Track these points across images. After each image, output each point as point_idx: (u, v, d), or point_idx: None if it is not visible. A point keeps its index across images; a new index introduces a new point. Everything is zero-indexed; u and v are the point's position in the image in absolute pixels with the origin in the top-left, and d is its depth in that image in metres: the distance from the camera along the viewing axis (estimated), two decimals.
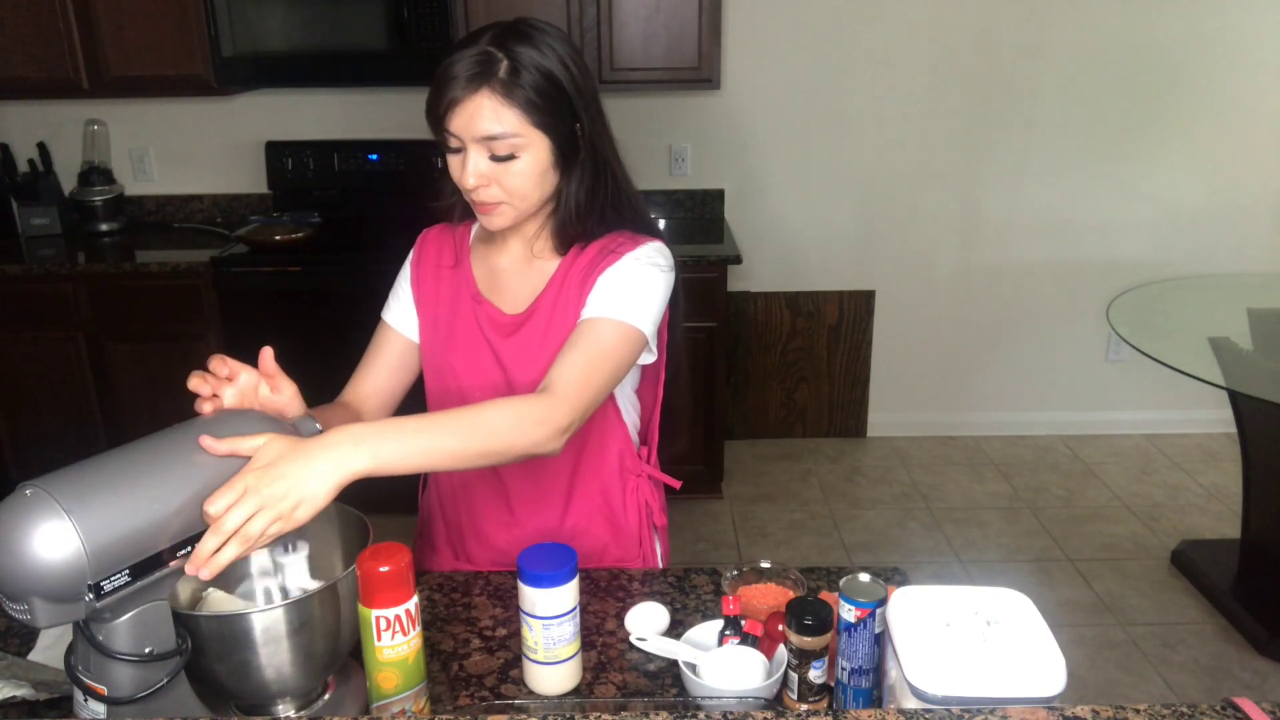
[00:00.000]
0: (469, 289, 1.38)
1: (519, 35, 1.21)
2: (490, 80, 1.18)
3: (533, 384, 1.28)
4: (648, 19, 3.05)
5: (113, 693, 0.92)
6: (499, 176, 1.23)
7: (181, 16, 3.01)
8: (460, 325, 1.37)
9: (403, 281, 1.45)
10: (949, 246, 3.66)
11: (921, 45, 3.41)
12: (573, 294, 1.31)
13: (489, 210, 1.26)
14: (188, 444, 0.97)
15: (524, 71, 1.19)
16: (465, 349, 1.37)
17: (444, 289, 1.40)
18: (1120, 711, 0.87)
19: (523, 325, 1.34)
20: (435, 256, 1.43)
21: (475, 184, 1.23)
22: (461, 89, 1.18)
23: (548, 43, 1.22)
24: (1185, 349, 2.60)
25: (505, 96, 1.18)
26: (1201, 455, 3.68)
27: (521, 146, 1.21)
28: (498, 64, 1.18)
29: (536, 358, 1.32)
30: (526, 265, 1.36)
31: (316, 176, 3.43)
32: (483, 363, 1.36)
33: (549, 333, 1.32)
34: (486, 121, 1.19)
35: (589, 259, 1.32)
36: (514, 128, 1.19)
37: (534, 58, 1.20)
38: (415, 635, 1.00)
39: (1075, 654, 2.57)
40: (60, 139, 3.43)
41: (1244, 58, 3.42)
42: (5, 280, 3.02)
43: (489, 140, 1.20)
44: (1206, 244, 3.63)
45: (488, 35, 1.21)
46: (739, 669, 1.09)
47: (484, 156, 1.21)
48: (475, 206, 1.28)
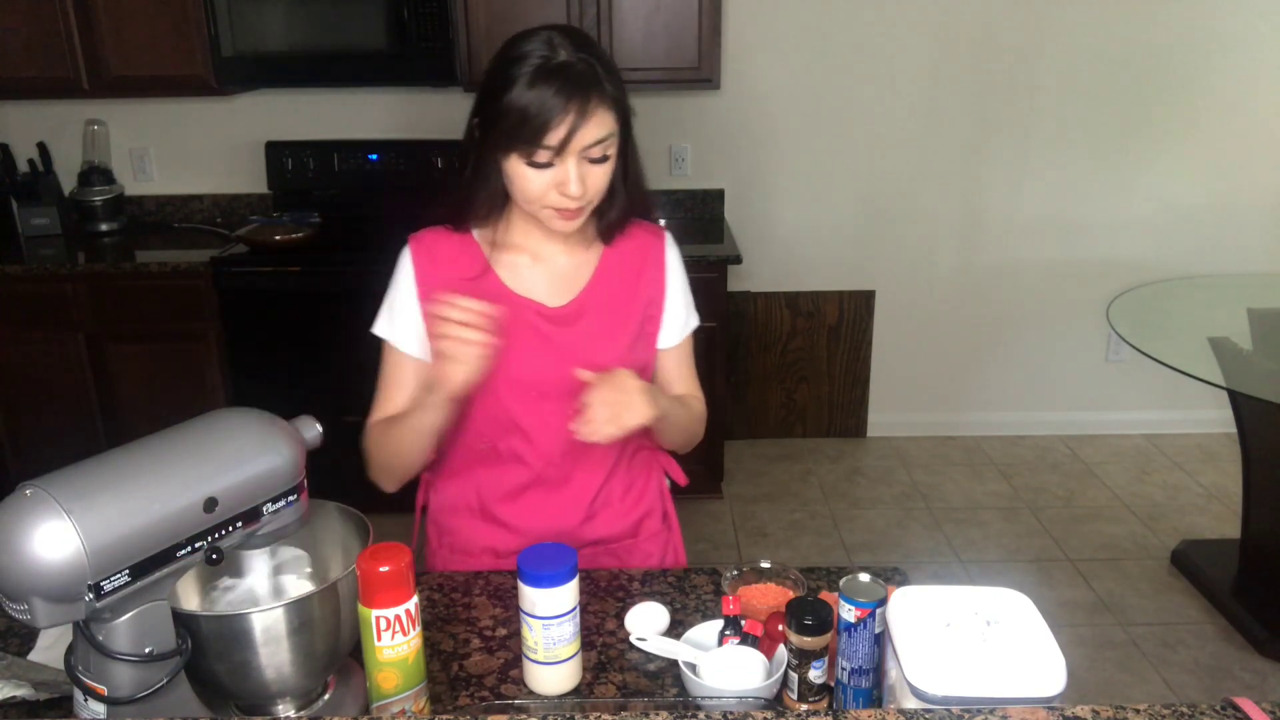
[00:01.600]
0: (500, 292, 1.36)
1: (583, 39, 1.24)
2: (599, 88, 1.20)
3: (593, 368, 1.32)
4: (648, 19, 3.05)
5: (113, 693, 0.92)
6: (587, 179, 1.24)
7: (181, 16, 3.01)
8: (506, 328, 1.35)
9: (406, 300, 1.38)
10: (949, 246, 3.66)
11: (922, 45, 3.41)
12: (628, 280, 1.39)
13: (575, 216, 1.28)
14: (188, 444, 0.97)
15: (612, 73, 1.23)
16: (518, 350, 1.34)
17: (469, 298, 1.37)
18: (1120, 711, 0.87)
19: (578, 316, 1.37)
20: (445, 268, 1.37)
21: (580, 193, 1.24)
22: (575, 104, 1.18)
23: (589, 37, 1.26)
24: (1185, 349, 2.59)
25: (608, 99, 1.22)
26: (1201, 455, 3.68)
27: (611, 144, 1.25)
28: (595, 71, 1.21)
29: (598, 343, 1.36)
30: (554, 260, 1.38)
31: (316, 176, 3.43)
32: (542, 357, 1.36)
33: (607, 319, 1.38)
34: (596, 130, 1.21)
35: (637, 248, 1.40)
36: (612, 127, 1.24)
37: (606, 58, 1.24)
38: (415, 635, 1.00)
39: (1075, 654, 2.57)
40: (60, 139, 3.43)
41: (1244, 58, 3.42)
42: (5, 280, 3.02)
43: (591, 147, 1.22)
44: (1206, 244, 3.63)
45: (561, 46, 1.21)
46: (739, 669, 1.09)
47: (584, 163, 1.23)
48: (557, 214, 1.27)
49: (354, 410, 3.44)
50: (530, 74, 1.20)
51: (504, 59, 1.24)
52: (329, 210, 3.39)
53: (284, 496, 1.01)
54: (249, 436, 1.00)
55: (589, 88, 1.19)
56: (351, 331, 3.06)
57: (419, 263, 1.38)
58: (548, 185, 1.23)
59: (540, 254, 1.38)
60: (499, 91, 1.22)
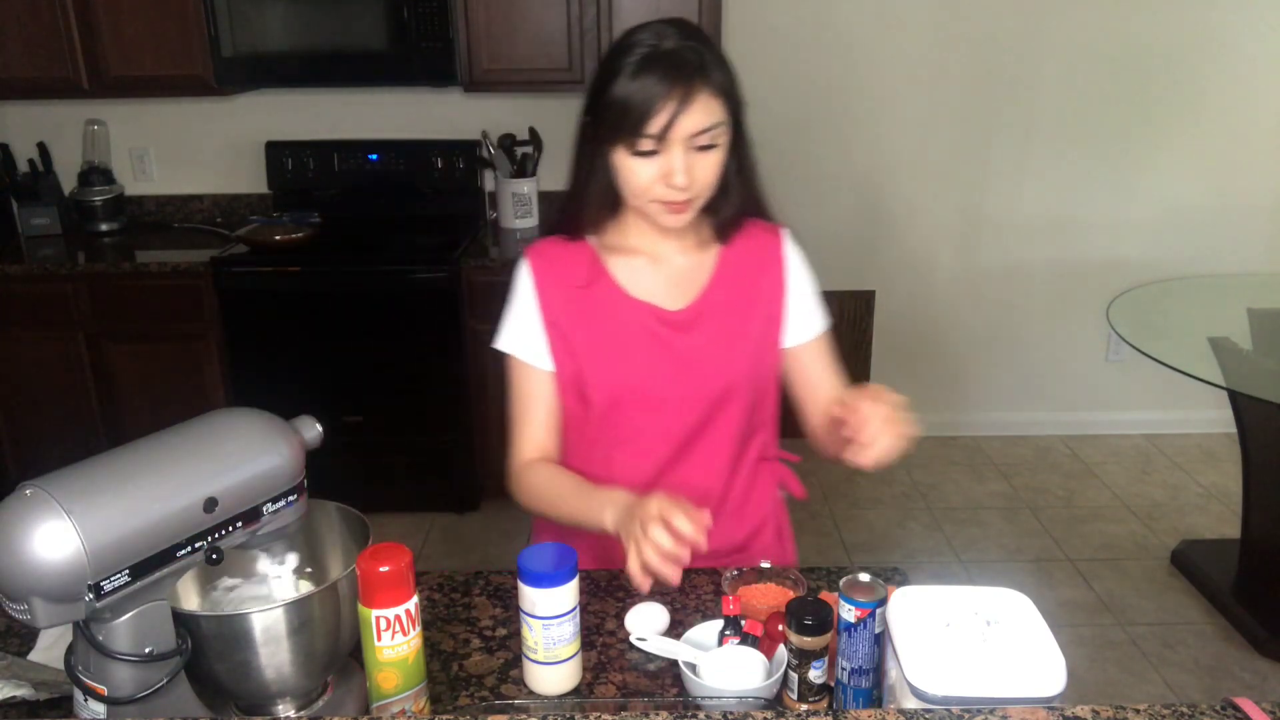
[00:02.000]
0: (618, 297, 1.34)
1: (689, 28, 1.23)
2: (704, 75, 1.19)
3: (717, 375, 1.33)
4: (647, 19, 3.04)
5: (113, 693, 0.92)
6: (694, 170, 1.22)
7: (181, 16, 3.01)
8: (625, 335, 1.34)
9: (527, 312, 1.36)
10: (949, 246, 3.66)
11: (922, 45, 3.41)
12: (748, 282, 1.36)
13: (683, 209, 1.25)
14: (188, 444, 0.97)
15: (721, 61, 1.22)
16: (637, 357, 1.33)
17: (588, 307, 1.34)
18: (1120, 711, 0.87)
19: (697, 320, 1.34)
20: (563, 276, 1.35)
21: (687, 182, 1.21)
22: (677, 91, 1.17)
23: (698, 29, 1.25)
24: (1185, 349, 2.59)
25: (715, 88, 1.20)
26: (1201, 455, 3.68)
27: (720, 134, 1.22)
28: (701, 58, 1.19)
29: (720, 348, 1.34)
30: (670, 262, 1.36)
31: (316, 176, 3.43)
32: (661, 364, 1.34)
33: (728, 322, 1.35)
34: (701, 117, 1.19)
35: (755, 247, 1.37)
36: (720, 116, 1.21)
37: (712, 44, 1.23)
38: (415, 635, 1.00)
39: (1075, 654, 2.57)
40: (60, 139, 3.43)
41: (1244, 58, 3.42)
42: (5, 280, 3.02)
43: (697, 135, 1.20)
44: (1206, 244, 3.63)
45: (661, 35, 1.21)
46: (739, 669, 1.09)
47: (689, 153, 1.21)
48: (665, 208, 1.25)
49: (354, 410, 3.47)
50: (634, 63, 1.19)
51: (612, 51, 1.24)
52: (329, 210, 3.39)
53: (284, 496, 1.01)
54: (249, 436, 1.00)
55: (693, 75, 1.18)
56: (352, 331, 3.09)
57: (537, 272, 1.36)
58: (654, 177, 1.22)
59: (657, 255, 1.35)
60: (605, 83, 1.22)
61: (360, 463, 3.12)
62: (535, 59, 3.06)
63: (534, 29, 3.03)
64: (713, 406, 1.36)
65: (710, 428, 1.37)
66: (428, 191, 3.44)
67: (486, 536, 3.18)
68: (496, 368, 3.63)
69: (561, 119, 3.47)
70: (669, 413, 1.35)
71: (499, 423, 3.30)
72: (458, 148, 3.38)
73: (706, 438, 1.38)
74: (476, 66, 3.07)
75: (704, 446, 1.38)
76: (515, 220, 3.37)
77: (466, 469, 3.24)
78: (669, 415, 1.35)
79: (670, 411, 1.35)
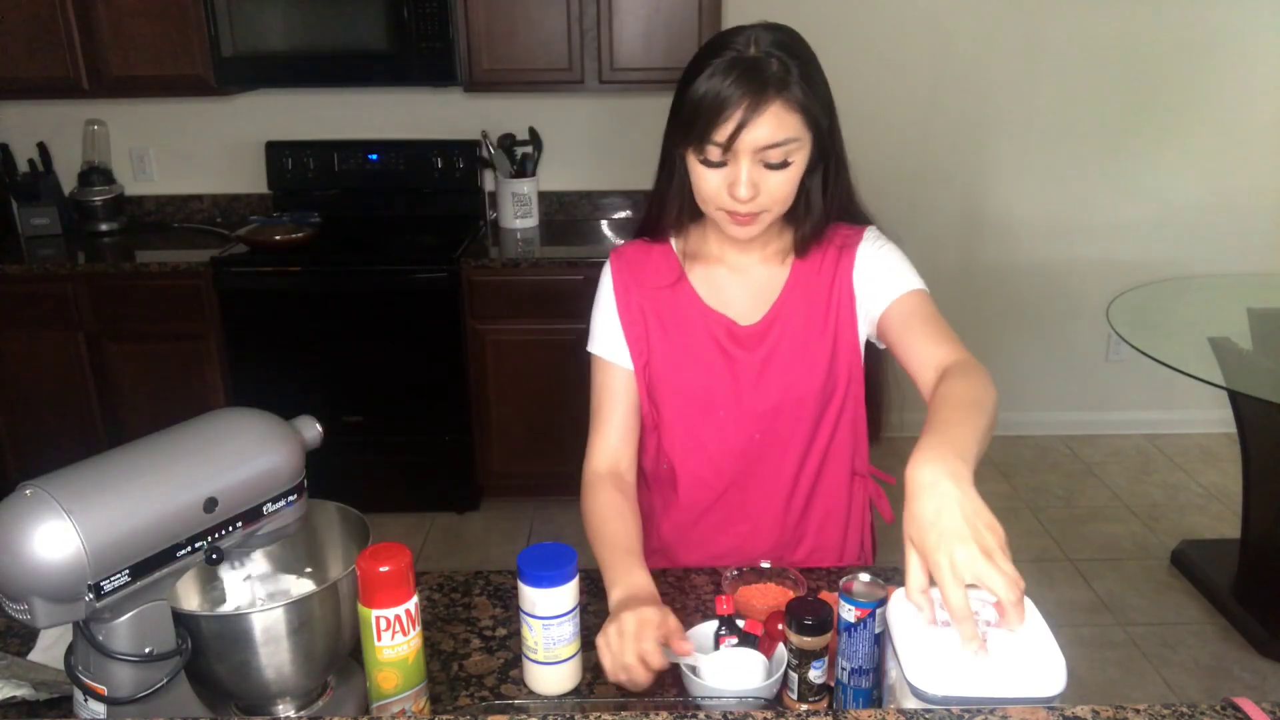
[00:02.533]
0: (694, 304, 1.33)
1: (781, 39, 1.17)
2: (782, 87, 1.13)
3: (777, 394, 1.30)
4: (648, 19, 3.05)
5: (113, 693, 0.92)
6: (764, 184, 1.18)
7: (181, 16, 3.01)
8: (695, 343, 1.33)
9: (608, 311, 1.36)
10: (949, 246, 3.66)
11: (921, 45, 3.41)
12: (819, 299, 1.30)
13: (748, 221, 1.21)
14: (188, 444, 0.97)
15: (808, 77, 1.16)
16: (706, 367, 1.32)
17: (663, 308, 1.34)
18: (1120, 711, 0.87)
19: (766, 334, 1.31)
20: (643, 277, 1.35)
21: (749, 195, 1.17)
22: (747, 99, 1.12)
23: (802, 41, 1.19)
24: (1185, 349, 2.59)
25: (793, 102, 1.14)
26: (1201, 455, 3.68)
27: (795, 150, 1.17)
28: (785, 69, 1.14)
29: (786, 364, 1.31)
30: (749, 272, 1.33)
31: (316, 176, 3.43)
32: (726, 380, 1.32)
33: (794, 342, 1.31)
34: (772, 130, 1.14)
35: (829, 257, 1.31)
36: (794, 132, 1.16)
37: (806, 57, 1.17)
38: (415, 635, 1.00)
39: (1075, 654, 2.57)
40: (60, 139, 3.43)
41: (1244, 58, 3.42)
42: (5, 280, 3.02)
43: (768, 149, 1.15)
44: (1206, 244, 3.63)
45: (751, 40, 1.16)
46: (739, 669, 1.09)
47: (757, 166, 1.17)
48: (731, 218, 1.21)
49: (354, 410, 3.47)
50: (715, 65, 1.15)
51: (704, 50, 1.20)
52: (329, 210, 3.39)
53: (284, 496, 1.01)
54: (249, 436, 1.00)
55: (769, 84, 1.13)
56: (352, 331, 3.09)
57: (618, 275, 1.36)
58: (720, 185, 1.18)
59: (735, 265, 1.33)
60: (686, 83, 1.18)
61: (360, 463, 3.12)
62: (535, 59, 3.07)
63: (534, 29, 3.03)
64: (777, 421, 1.34)
65: (776, 442, 1.35)
66: (428, 191, 3.44)
67: (486, 536, 3.18)
68: (496, 367, 3.62)
69: (561, 119, 3.48)
70: (734, 429, 1.34)
71: (499, 423, 3.32)
72: (458, 148, 3.38)
73: (773, 452, 1.36)
74: (476, 66, 3.07)
75: (771, 460, 1.36)
76: (515, 220, 3.37)
77: (466, 469, 3.24)
78: (734, 432, 1.34)
79: (735, 428, 1.34)
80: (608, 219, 3.53)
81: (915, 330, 1.25)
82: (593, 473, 1.36)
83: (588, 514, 1.33)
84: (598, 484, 1.34)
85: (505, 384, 3.14)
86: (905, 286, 1.28)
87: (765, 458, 1.37)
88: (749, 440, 1.35)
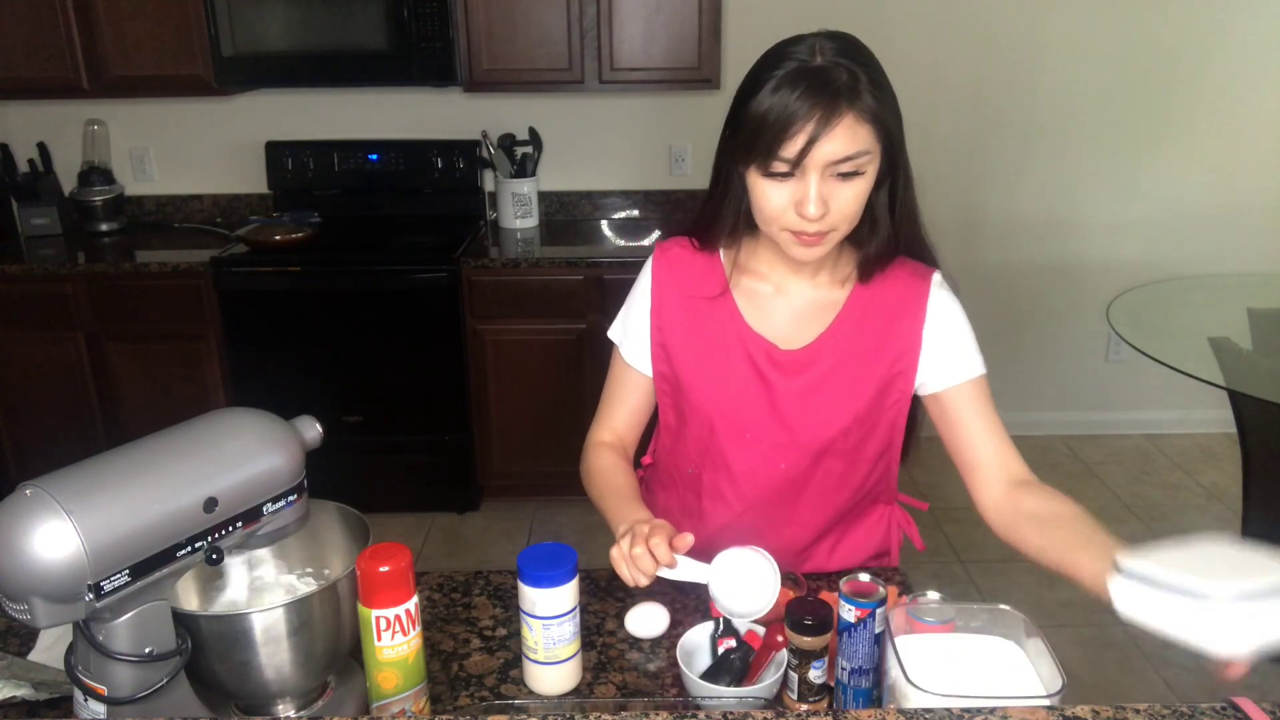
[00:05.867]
0: (734, 321, 1.27)
1: (850, 46, 1.11)
2: (854, 97, 1.07)
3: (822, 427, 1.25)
4: (648, 19, 3.05)
5: (113, 693, 0.92)
6: (832, 200, 1.10)
7: (181, 16, 3.01)
8: (732, 363, 1.26)
9: (640, 311, 1.32)
10: (949, 246, 3.63)
11: (921, 45, 3.41)
12: (875, 330, 1.24)
13: (815, 241, 1.13)
14: (188, 444, 0.97)
15: (876, 86, 1.09)
16: (738, 388, 1.26)
17: (700, 321, 1.28)
18: (1120, 711, 0.87)
19: (811, 363, 1.24)
20: (683, 283, 1.29)
21: (819, 213, 1.10)
22: (819, 112, 1.06)
23: (860, 45, 1.12)
24: (1185, 349, 2.59)
25: (866, 112, 1.08)
26: (1201, 455, 3.68)
27: (867, 163, 1.10)
28: (855, 79, 1.07)
29: (827, 398, 1.24)
30: (801, 295, 1.26)
31: (316, 176, 3.43)
32: (758, 403, 1.26)
33: (842, 371, 1.24)
34: (844, 143, 1.07)
35: (894, 292, 1.24)
36: (867, 145, 1.09)
37: (876, 65, 1.11)
38: (415, 635, 1.00)
39: (1075, 654, 2.57)
40: (60, 139, 3.43)
41: (1244, 58, 3.42)
42: (5, 280, 3.02)
43: (838, 163, 1.08)
44: (1206, 244, 3.63)
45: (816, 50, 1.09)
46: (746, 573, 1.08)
47: (827, 180, 1.10)
48: (796, 238, 1.14)
49: (354, 410, 3.47)
50: (779, 77, 1.08)
51: (762, 61, 1.14)
52: (329, 210, 3.40)
53: (284, 496, 1.01)
54: (249, 436, 1.00)
55: (840, 95, 1.06)
56: (351, 331, 3.09)
57: (658, 275, 1.31)
58: (786, 203, 1.11)
59: (784, 286, 1.26)
60: (747, 96, 1.11)
61: (360, 463, 3.12)
62: (535, 59, 3.07)
63: (534, 29, 3.03)
64: (810, 455, 1.28)
65: (807, 476, 1.30)
66: (428, 191, 3.44)
67: (486, 536, 3.18)
68: (496, 367, 3.61)
69: (561, 119, 3.48)
70: (760, 453, 1.28)
71: (499, 423, 3.31)
72: (458, 148, 3.38)
73: (803, 485, 1.31)
74: (476, 66, 3.07)
75: (800, 494, 1.31)
76: (515, 220, 3.37)
77: (466, 469, 3.24)
78: (760, 456, 1.28)
79: (762, 453, 1.28)
80: (608, 219, 3.53)
81: (983, 425, 1.25)
82: (595, 439, 1.38)
83: (589, 471, 1.34)
84: (600, 447, 1.36)
85: (505, 384, 3.14)
86: (974, 371, 1.26)
87: (790, 489, 1.31)
88: (774, 469, 1.29)
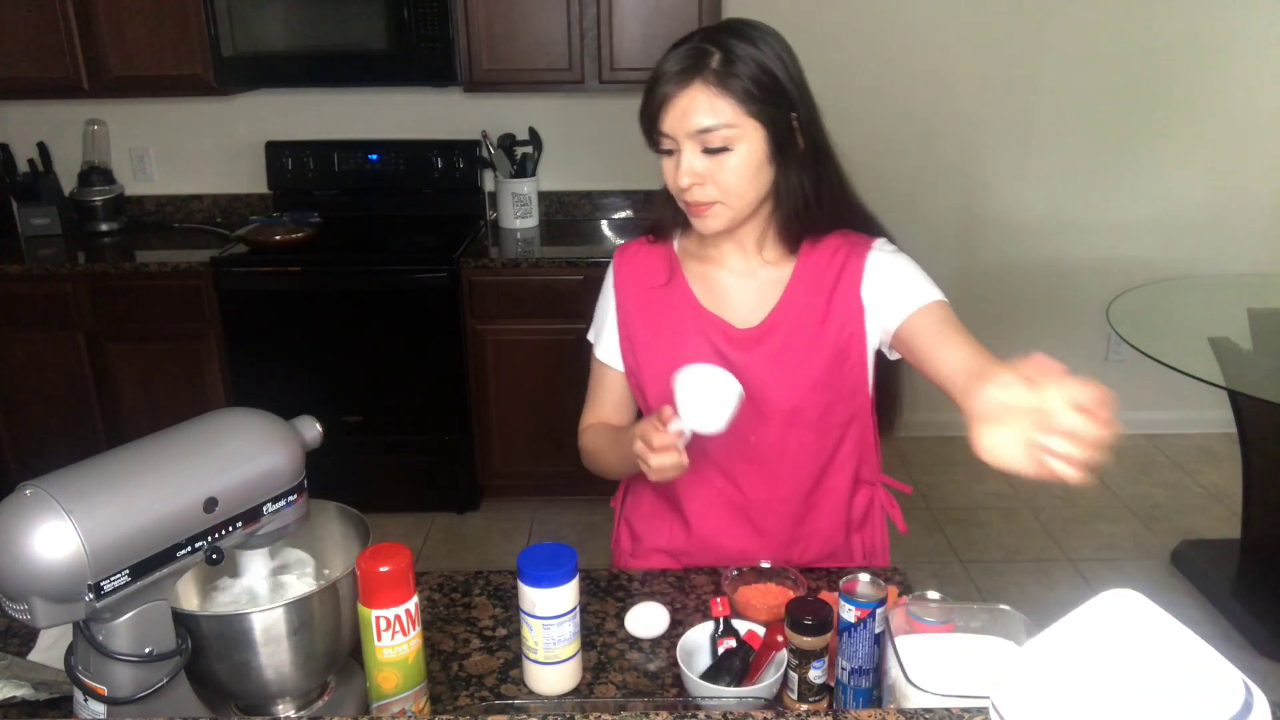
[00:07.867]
0: (689, 305, 1.33)
1: (729, 29, 1.22)
2: (703, 71, 1.17)
3: (783, 397, 1.28)
4: (648, 19, 3.05)
5: (113, 693, 0.92)
6: (713, 173, 1.20)
7: (181, 16, 3.01)
8: (688, 343, 1.31)
9: (607, 310, 1.39)
10: (949, 246, 3.66)
11: (921, 45, 3.41)
12: (820, 301, 1.28)
13: (702, 211, 1.23)
14: (188, 444, 0.97)
15: (737, 61, 1.17)
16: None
17: (657, 309, 1.34)
18: None
19: (764, 338, 1.30)
20: (640, 277, 1.37)
21: (689, 183, 1.20)
22: (674, 83, 1.18)
23: (759, 34, 1.22)
24: (1185, 349, 2.59)
25: (719, 86, 1.17)
26: (1201, 455, 3.68)
27: (735, 138, 1.18)
28: (709, 55, 1.17)
29: (784, 370, 1.29)
30: (750, 275, 1.32)
31: (316, 176, 3.43)
32: None
33: (795, 343, 1.29)
34: (700, 114, 1.17)
35: (833, 263, 1.29)
36: (728, 118, 1.17)
37: (746, 48, 1.19)
38: (415, 635, 1.00)
39: None
40: (60, 139, 3.43)
41: (1244, 58, 3.42)
42: (5, 280, 3.02)
43: (702, 134, 1.18)
44: (1206, 244, 3.63)
45: (699, 34, 1.22)
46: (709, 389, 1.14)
47: (697, 153, 1.19)
48: (689, 209, 1.24)
49: (354, 410, 3.46)
50: (661, 60, 1.21)
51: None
52: (329, 210, 3.39)
53: (284, 496, 1.01)
54: (249, 436, 1.00)
55: (692, 71, 1.17)
56: (352, 331, 3.09)
57: (619, 272, 1.39)
58: (674, 176, 1.22)
59: (734, 267, 1.33)
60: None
61: (360, 463, 3.12)
62: (535, 59, 3.07)
63: (534, 29, 3.03)
64: (777, 426, 1.31)
65: (780, 449, 1.33)
66: (428, 191, 3.44)
67: (486, 536, 3.18)
68: (496, 367, 3.61)
69: (561, 119, 3.48)
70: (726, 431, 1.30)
71: (499, 423, 3.31)
72: (458, 148, 3.38)
73: (777, 458, 1.34)
74: (476, 66, 3.07)
75: (776, 468, 1.35)
76: (515, 220, 3.37)
77: (466, 469, 3.24)
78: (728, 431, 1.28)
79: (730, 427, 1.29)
80: (608, 219, 3.53)
81: (949, 339, 1.19)
82: (581, 428, 1.44)
83: (587, 451, 1.41)
84: (587, 429, 1.43)
85: (505, 384, 3.14)
86: (927, 297, 1.27)
87: (764, 462, 1.35)
88: (744, 443, 1.33)
